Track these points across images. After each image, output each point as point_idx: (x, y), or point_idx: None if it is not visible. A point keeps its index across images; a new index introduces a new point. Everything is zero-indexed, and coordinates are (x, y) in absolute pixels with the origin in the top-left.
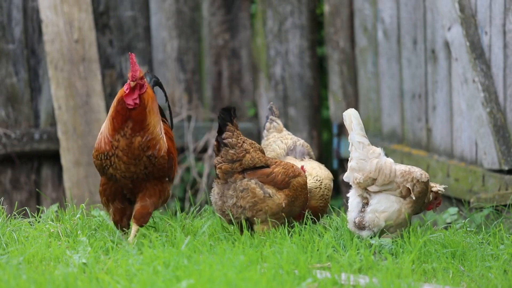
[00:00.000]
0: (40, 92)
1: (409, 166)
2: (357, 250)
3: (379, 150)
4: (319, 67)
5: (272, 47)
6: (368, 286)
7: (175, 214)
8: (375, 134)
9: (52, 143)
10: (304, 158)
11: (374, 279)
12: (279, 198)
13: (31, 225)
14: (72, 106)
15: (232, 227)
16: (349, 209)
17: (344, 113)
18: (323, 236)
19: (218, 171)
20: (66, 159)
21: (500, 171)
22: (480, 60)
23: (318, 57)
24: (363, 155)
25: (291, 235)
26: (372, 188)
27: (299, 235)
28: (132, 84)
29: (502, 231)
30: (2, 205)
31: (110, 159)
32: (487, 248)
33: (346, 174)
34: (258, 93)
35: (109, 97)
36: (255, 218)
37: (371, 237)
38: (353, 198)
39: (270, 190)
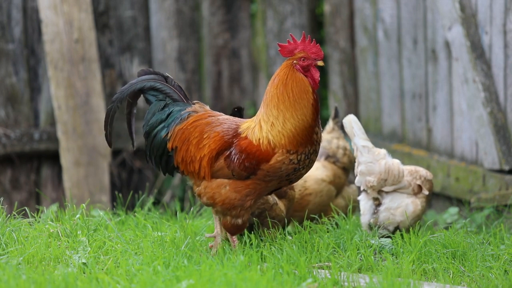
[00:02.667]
0: (39, 92)
1: (413, 166)
2: (357, 250)
3: (383, 151)
4: (319, 67)
5: (272, 47)
6: (368, 286)
7: (175, 214)
8: (375, 134)
9: (52, 143)
10: (319, 159)
11: (374, 279)
12: (281, 207)
13: (30, 225)
14: (72, 106)
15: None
16: (361, 213)
17: (344, 120)
18: (323, 236)
19: None
20: (66, 159)
21: (501, 171)
22: (480, 60)
23: None
24: (370, 158)
25: (291, 236)
26: (386, 189)
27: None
28: (321, 63)
29: (503, 231)
30: (2, 205)
31: (311, 157)
32: (488, 248)
33: (357, 178)
34: (258, 93)
35: (108, 97)
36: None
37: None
38: (365, 201)
39: (276, 197)
